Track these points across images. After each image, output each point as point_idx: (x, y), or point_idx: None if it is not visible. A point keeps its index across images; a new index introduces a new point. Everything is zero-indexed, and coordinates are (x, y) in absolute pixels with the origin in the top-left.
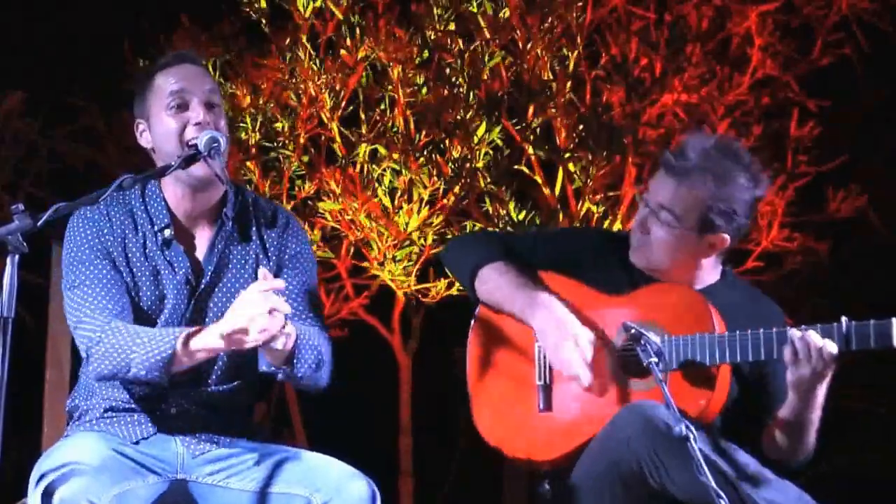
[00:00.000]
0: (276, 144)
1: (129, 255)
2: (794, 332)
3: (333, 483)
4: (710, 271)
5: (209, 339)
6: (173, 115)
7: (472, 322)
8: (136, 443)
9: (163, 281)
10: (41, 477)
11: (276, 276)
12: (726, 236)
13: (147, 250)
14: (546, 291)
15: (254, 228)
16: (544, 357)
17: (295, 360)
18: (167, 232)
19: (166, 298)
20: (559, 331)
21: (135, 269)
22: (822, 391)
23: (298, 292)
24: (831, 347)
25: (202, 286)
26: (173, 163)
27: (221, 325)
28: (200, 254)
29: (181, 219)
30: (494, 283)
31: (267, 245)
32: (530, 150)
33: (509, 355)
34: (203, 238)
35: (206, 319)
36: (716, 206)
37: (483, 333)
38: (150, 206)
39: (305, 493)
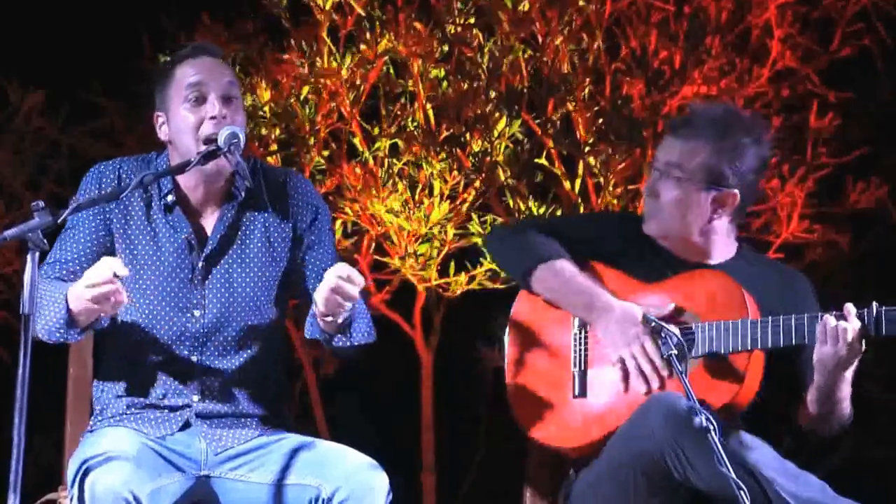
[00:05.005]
0: (296, 139)
1: (129, 218)
2: (829, 317)
3: (344, 473)
4: (725, 242)
5: (75, 291)
6: (190, 110)
7: (512, 311)
8: (162, 438)
9: (161, 242)
10: (83, 463)
11: (294, 240)
12: (736, 192)
13: (149, 215)
14: (604, 294)
15: (265, 197)
16: (580, 343)
17: (352, 330)
18: (169, 198)
19: (164, 259)
20: (623, 336)
21: (133, 232)
22: (848, 373)
23: (331, 252)
24: (859, 341)
25: (206, 251)
26: (192, 159)
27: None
28: (209, 221)
29: (190, 197)
30: (550, 285)
31: (279, 212)
32: (550, 144)
33: (547, 343)
34: (214, 206)
35: (210, 285)
36: (722, 156)
37: (522, 323)
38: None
39: (316, 482)
